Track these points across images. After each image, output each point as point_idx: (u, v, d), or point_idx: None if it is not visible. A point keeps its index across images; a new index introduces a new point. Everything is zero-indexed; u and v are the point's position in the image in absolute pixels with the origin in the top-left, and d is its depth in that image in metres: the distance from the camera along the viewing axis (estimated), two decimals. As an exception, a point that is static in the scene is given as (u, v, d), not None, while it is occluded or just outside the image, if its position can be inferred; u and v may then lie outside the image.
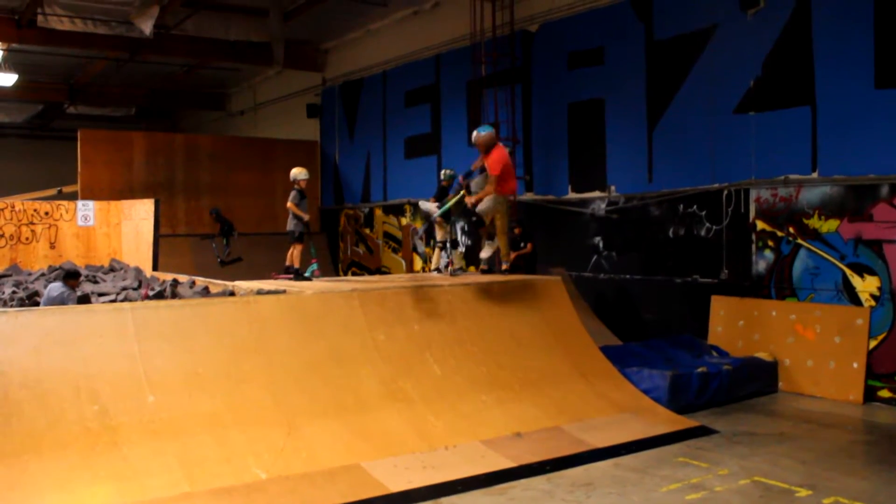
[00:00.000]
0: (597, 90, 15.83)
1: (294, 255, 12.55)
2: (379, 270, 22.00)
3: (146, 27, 18.65)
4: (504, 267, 12.72)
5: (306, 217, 12.69)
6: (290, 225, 12.59)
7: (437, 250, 13.56)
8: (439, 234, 13.29)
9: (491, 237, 12.44)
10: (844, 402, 11.53)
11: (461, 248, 17.39)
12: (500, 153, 11.72)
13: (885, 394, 11.40)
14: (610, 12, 15.47)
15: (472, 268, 15.79)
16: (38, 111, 31.11)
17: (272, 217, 23.26)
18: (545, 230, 16.81)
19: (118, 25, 19.80)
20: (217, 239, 17.79)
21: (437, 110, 20.12)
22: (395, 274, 20.12)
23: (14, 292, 12.72)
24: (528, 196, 17.22)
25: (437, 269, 13.52)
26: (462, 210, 12.77)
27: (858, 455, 9.40)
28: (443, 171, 14.52)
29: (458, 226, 16.92)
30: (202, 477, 7.57)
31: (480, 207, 11.75)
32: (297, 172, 12.90)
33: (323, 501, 7.41)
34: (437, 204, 13.30)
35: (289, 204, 12.51)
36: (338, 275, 23.04)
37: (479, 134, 11.87)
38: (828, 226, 12.18)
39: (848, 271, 11.94)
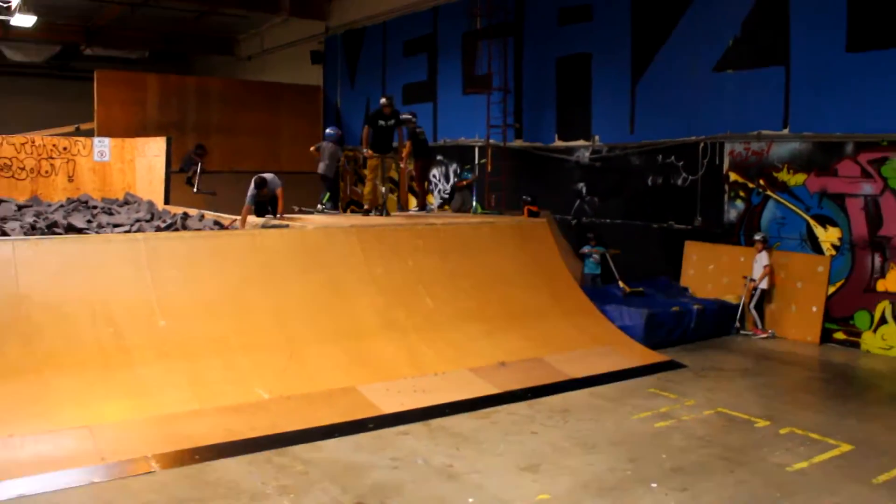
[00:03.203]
0: (584, 45, 15.64)
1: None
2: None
3: (160, -27, 18.27)
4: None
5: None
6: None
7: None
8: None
9: None
10: (803, 343, 11.64)
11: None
12: None
13: (840, 336, 11.50)
14: (600, -29, 15.23)
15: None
16: (57, 52, 30.55)
17: (275, 156, 23.11)
18: (532, 175, 16.75)
19: (133, -30, 19.38)
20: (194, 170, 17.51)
21: (433, 60, 19.85)
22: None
23: (35, 222, 12.60)
24: (518, 143, 17.12)
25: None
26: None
27: (814, 391, 9.53)
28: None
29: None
30: (210, 396, 7.63)
31: None
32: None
33: (321, 420, 7.48)
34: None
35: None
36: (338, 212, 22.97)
37: None
38: (795, 179, 12.15)
39: (812, 222, 11.94)
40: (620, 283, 12.88)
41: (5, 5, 23.07)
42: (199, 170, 17.03)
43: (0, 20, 24.61)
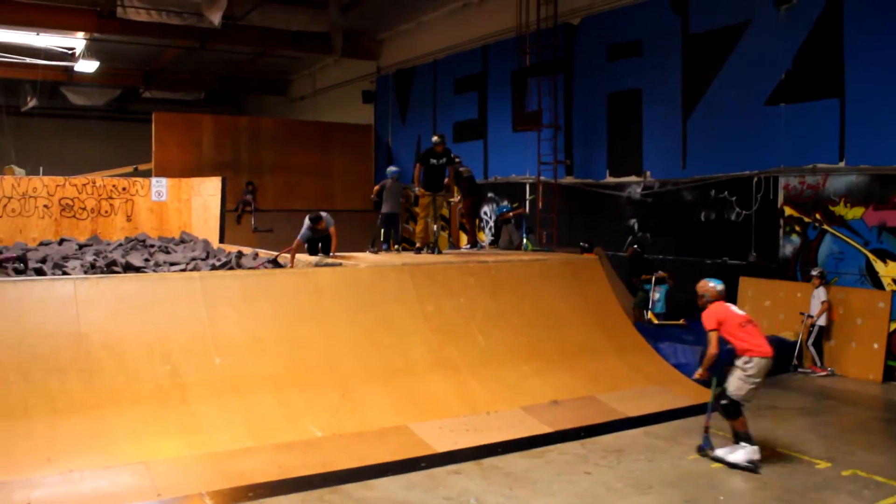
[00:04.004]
0: (635, 81, 15.65)
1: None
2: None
3: (215, 18, 18.78)
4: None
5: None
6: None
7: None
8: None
9: None
10: (864, 381, 11.35)
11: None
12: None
13: (904, 373, 11.22)
14: (648, 7, 15.26)
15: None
16: (117, 95, 31.56)
17: (328, 195, 23.41)
18: (583, 211, 16.72)
19: (189, 16, 19.97)
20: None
21: (483, 97, 20.02)
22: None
23: (94, 260, 12.93)
24: (569, 179, 17.11)
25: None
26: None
27: (877, 431, 9.25)
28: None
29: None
30: (263, 433, 7.68)
31: None
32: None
33: (374, 458, 7.48)
34: None
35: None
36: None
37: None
38: (853, 213, 11.95)
39: (871, 256, 11.71)
40: (648, 314, 12.98)
41: (70, 52, 23.95)
42: (253, 208, 17.34)
43: (64, 66, 25.59)
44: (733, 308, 7.92)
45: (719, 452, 7.66)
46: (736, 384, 7.58)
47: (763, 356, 7.51)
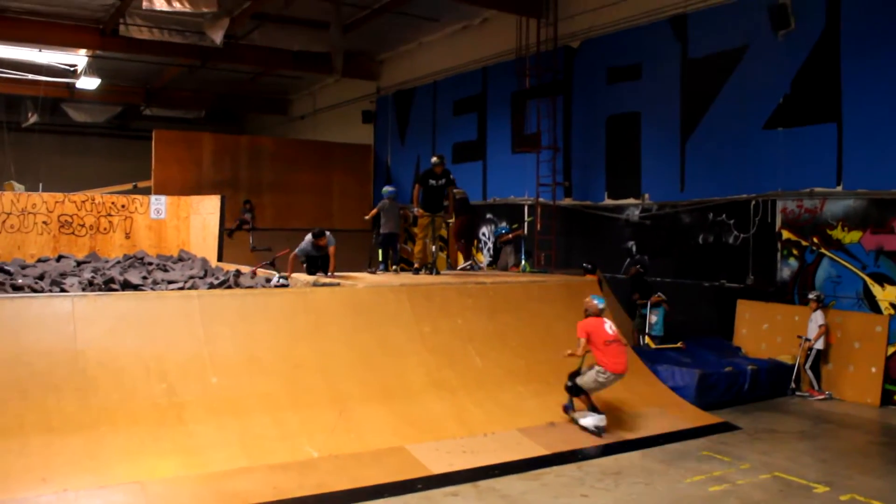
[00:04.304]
0: (634, 104, 15.72)
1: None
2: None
3: (217, 37, 18.87)
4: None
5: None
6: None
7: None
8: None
9: None
10: (862, 405, 11.33)
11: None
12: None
13: (901, 398, 11.21)
14: (648, 31, 15.35)
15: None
16: (118, 112, 31.63)
17: (327, 214, 23.44)
18: (582, 233, 16.75)
19: (192, 35, 20.07)
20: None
21: (483, 119, 20.10)
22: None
23: (92, 278, 12.91)
24: (567, 201, 17.15)
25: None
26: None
27: (875, 455, 9.23)
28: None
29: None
30: (259, 453, 7.66)
31: None
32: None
33: (370, 480, 7.45)
34: None
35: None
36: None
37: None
38: (850, 237, 11.97)
39: (869, 280, 11.72)
40: (646, 339, 12.98)
41: (71, 69, 24.04)
42: (251, 226, 17.36)
43: (66, 83, 25.69)
44: (606, 325, 9.30)
45: (576, 415, 9.36)
46: (589, 380, 9.19)
47: (616, 373, 9.12)
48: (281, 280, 11.68)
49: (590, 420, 9.16)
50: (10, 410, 7.25)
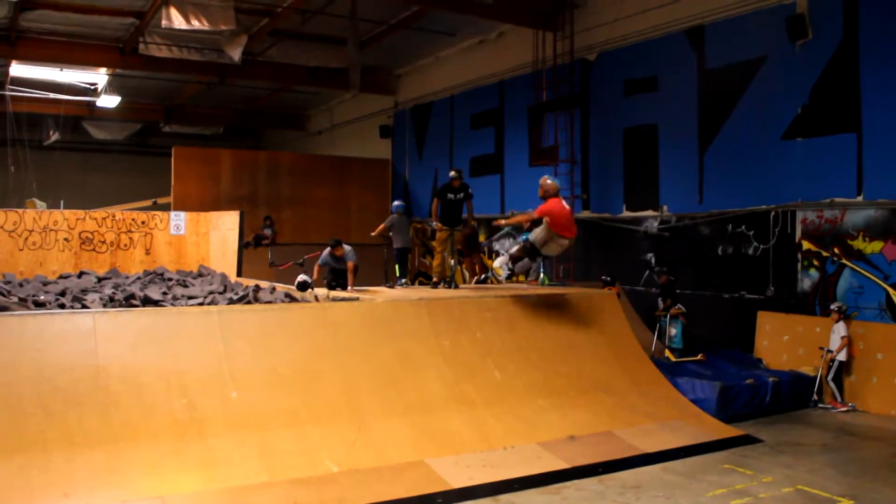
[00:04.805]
0: (651, 116, 15.71)
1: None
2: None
3: (235, 54, 19.05)
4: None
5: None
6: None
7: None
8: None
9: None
10: (887, 417, 11.22)
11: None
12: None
13: (926, 409, 11.08)
14: (664, 42, 15.35)
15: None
16: (137, 130, 31.94)
17: (345, 229, 23.49)
18: (600, 246, 16.72)
19: (210, 53, 20.29)
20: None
21: (500, 132, 20.14)
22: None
23: (113, 294, 12.98)
24: (585, 214, 17.13)
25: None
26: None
27: (900, 468, 9.12)
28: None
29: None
30: (280, 468, 7.67)
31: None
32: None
33: (390, 494, 7.45)
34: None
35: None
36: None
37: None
38: (872, 247, 11.89)
39: (891, 291, 11.63)
40: (667, 353, 12.87)
41: (92, 87, 24.31)
42: (271, 241, 17.41)
43: (87, 101, 25.98)
44: (564, 203, 10.77)
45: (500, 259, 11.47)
46: (541, 236, 10.60)
47: (571, 237, 10.76)
48: (303, 278, 11.67)
49: (501, 259, 11.42)
50: (33, 426, 7.30)
